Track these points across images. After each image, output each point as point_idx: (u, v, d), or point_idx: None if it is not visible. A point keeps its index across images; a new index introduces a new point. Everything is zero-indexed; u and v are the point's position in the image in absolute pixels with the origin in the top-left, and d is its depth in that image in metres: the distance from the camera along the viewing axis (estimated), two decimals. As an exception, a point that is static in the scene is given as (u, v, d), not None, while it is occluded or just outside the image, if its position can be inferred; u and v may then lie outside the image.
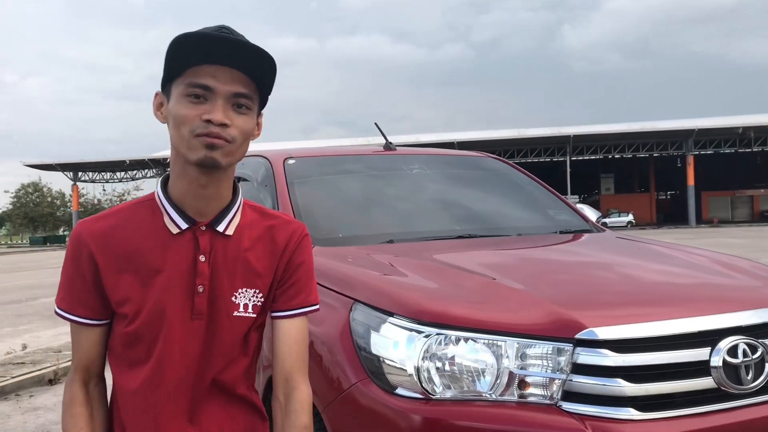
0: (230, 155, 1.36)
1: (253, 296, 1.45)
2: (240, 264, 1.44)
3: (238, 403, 1.51)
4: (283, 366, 1.50)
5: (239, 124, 1.36)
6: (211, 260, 1.41)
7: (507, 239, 3.29)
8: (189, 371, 1.42)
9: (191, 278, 1.39)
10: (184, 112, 1.33)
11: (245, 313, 1.44)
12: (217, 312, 1.42)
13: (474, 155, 4.34)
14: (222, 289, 1.42)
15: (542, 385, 2.04)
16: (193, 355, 1.41)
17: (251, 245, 1.46)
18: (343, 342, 2.30)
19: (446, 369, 2.07)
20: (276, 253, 1.48)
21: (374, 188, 3.69)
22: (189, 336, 1.40)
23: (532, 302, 2.19)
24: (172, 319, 1.39)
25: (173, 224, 1.41)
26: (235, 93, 1.34)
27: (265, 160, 3.74)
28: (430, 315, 2.13)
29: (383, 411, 2.09)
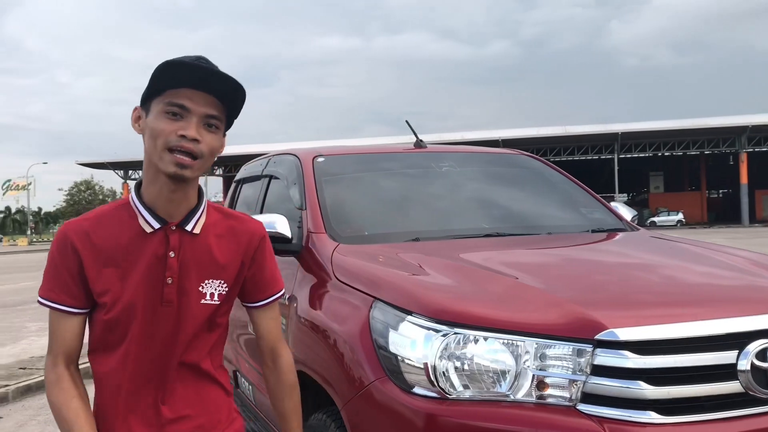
0: (197, 170, 1.58)
1: (218, 286, 1.69)
2: (206, 258, 1.66)
3: (204, 378, 1.73)
4: (268, 340, 1.87)
5: (208, 140, 1.58)
6: (180, 255, 1.62)
7: (536, 238, 3.24)
8: (159, 351, 1.64)
9: (162, 271, 1.61)
10: (162, 126, 1.55)
11: (211, 301, 1.68)
12: (186, 300, 1.64)
13: (506, 152, 4.28)
14: (190, 280, 1.64)
15: (561, 386, 2.00)
16: (162, 336, 1.64)
17: (216, 242, 1.69)
18: (363, 340, 2.30)
19: (464, 369, 2.05)
20: (239, 250, 1.73)
21: (402, 186, 3.67)
22: (159, 320, 1.63)
23: (553, 302, 2.15)
24: (144, 306, 1.61)
25: (147, 224, 1.62)
26: (207, 114, 1.57)
27: (295, 158, 3.76)
28: (448, 314, 2.11)
29: (400, 410, 2.08)
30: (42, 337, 9.42)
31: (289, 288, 3.09)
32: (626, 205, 3.98)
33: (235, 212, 1.80)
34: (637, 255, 2.92)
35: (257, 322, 1.86)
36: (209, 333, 1.72)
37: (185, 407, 1.69)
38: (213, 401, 1.75)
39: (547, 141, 56.82)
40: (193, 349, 1.69)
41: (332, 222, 3.15)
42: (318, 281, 2.87)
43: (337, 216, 3.22)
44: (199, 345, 1.70)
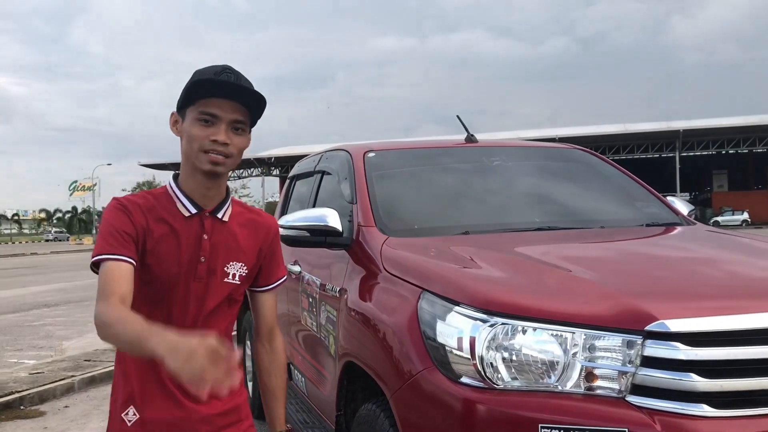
0: (228, 167, 1.84)
1: (240, 268, 1.95)
2: (232, 243, 1.93)
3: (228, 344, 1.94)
4: (267, 322, 2.11)
5: (237, 142, 1.83)
6: (212, 239, 1.89)
7: (588, 232, 3.20)
8: (187, 317, 1.88)
9: (197, 250, 1.87)
10: (196, 132, 1.80)
11: (233, 281, 1.94)
12: (213, 277, 1.90)
13: (558, 146, 4.24)
14: (217, 261, 1.90)
15: (610, 377, 1.98)
16: (191, 306, 1.89)
17: (239, 230, 1.95)
18: (411, 331, 2.32)
19: (511, 359, 2.04)
20: (258, 238, 2.00)
21: (452, 180, 3.67)
22: (191, 292, 1.88)
23: (603, 293, 2.13)
24: (180, 278, 1.86)
25: (186, 209, 1.88)
26: (234, 120, 1.81)
27: (346, 153, 3.80)
28: (495, 304, 2.11)
29: (447, 399, 2.09)
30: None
31: (340, 281, 3.14)
32: (684, 200, 3.88)
33: (253, 207, 2.08)
34: (690, 248, 2.86)
35: (261, 304, 2.10)
36: (229, 308, 1.98)
37: None
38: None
39: (605, 139, 55.70)
40: (215, 320, 1.93)
41: (382, 216, 3.18)
42: (368, 274, 2.90)
43: (387, 210, 3.25)
44: (219, 317, 1.95)
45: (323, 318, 3.33)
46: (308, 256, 3.86)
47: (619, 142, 57.39)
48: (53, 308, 12.43)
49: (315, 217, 3.22)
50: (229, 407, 1.96)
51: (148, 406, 1.88)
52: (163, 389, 1.88)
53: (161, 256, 1.83)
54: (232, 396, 1.93)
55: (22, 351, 8.36)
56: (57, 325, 10.56)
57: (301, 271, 3.91)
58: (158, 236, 1.83)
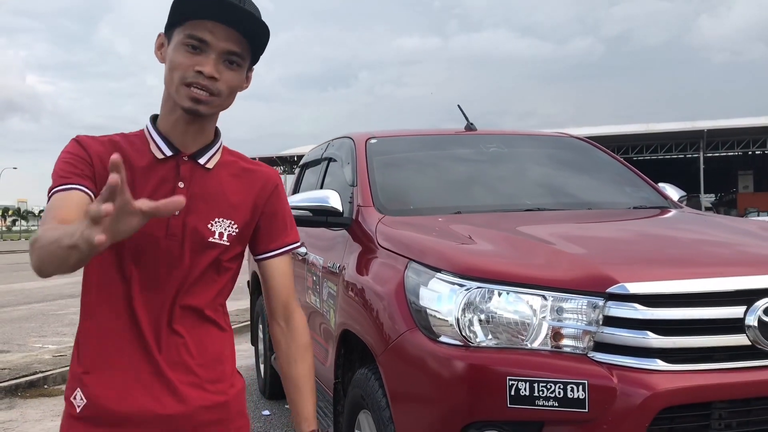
0: (214, 107, 1.52)
1: (228, 226, 1.58)
2: (217, 196, 1.58)
3: (207, 325, 1.61)
4: (279, 297, 1.71)
5: (228, 78, 1.50)
6: (190, 188, 1.54)
7: (573, 213, 3.36)
8: (160, 289, 1.53)
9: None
10: (180, 59, 1.48)
11: (219, 240, 1.57)
12: (193, 236, 1.54)
13: (554, 135, 4.39)
14: (198, 215, 1.55)
15: (575, 336, 2.15)
16: (164, 272, 1.53)
17: (229, 180, 1.61)
18: (398, 297, 2.50)
19: (486, 320, 2.22)
20: (253, 191, 1.64)
21: (449, 165, 3.86)
22: (162, 254, 1.52)
23: (572, 261, 2.30)
24: (148, 236, 1.49)
25: (159, 151, 1.55)
26: (228, 50, 1.48)
27: (350, 140, 4.00)
28: (471, 270, 2.29)
29: (427, 357, 2.27)
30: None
31: (339, 258, 3.33)
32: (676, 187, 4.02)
33: (252, 160, 1.71)
34: (666, 226, 3.02)
35: (269, 275, 1.71)
36: (217, 275, 1.60)
37: (185, 355, 1.56)
38: (216, 352, 1.62)
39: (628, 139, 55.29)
40: (197, 291, 1.57)
41: (380, 197, 3.37)
42: (364, 249, 3.09)
43: (385, 191, 3.43)
44: (203, 288, 1.58)
45: (325, 294, 3.53)
46: (313, 239, 4.05)
47: (643, 141, 56.95)
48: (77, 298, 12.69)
49: (317, 197, 3.41)
50: (214, 402, 1.58)
51: (101, 392, 1.52)
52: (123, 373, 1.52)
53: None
54: (218, 387, 1.60)
55: (46, 337, 8.67)
56: (74, 314, 10.87)
57: (307, 252, 4.11)
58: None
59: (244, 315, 9.38)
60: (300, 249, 4.27)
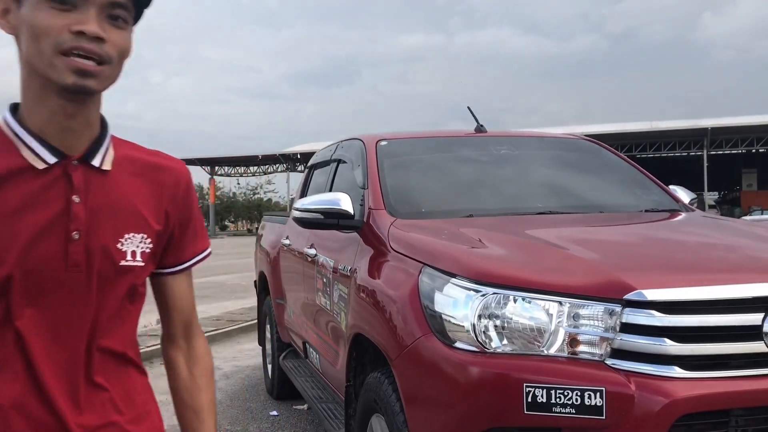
0: (105, 80, 1.14)
1: (141, 242, 1.24)
2: (123, 204, 1.22)
3: (130, 369, 1.30)
4: (181, 316, 1.41)
5: (116, 39, 1.13)
6: (88, 201, 1.18)
7: (586, 216, 3.36)
8: (67, 337, 1.18)
9: (65, 223, 1.15)
10: (47, 22, 1.08)
11: (134, 262, 1.23)
12: (100, 263, 1.19)
13: (564, 136, 4.39)
14: (104, 234, 1.19)
15: (592, 342, 2.15)
16: (70, 316, 1.18)
17: (132, 182, 1.25)
18: (412, 302, 2.50)
19: (502, 326, 2.22)
20: (164, 193, 1.30)
21: (459, 167, 3.86)
22: (65, 289, 1.17)
23: (589, 267, 2.30)
24: (43, 268, 1.14)
25: (37, 159, 1.14)
26: (110, 2, 1.12)
27: (360, 142, 4.00)
28: (487, 276, 2.29)
29: (442, 362, 2.27)
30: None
31: (351, 260, 3.33)
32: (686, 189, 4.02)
33: (149, 149, 1.34)
34: (679, 230, 3.02)
35: (172, 292, 1.39)
36: (131, 305, 1.27)
37: (112, 413, 1.24)
38: (143, 402, 1.32)
39: (632, 137, 55.21)
40: (115, 330, 1.24)
41: (391, 199, 3.37)
42: (376, 252, 3.09)
43: (396, 194, 3.43)
44: (121, 324, 1.26)
45: (336, 296, 3.53)
46: (323, 241, 4.05)
47: (647, 139, 56.88)
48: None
49: (328, 200, 3.41)
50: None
51: None
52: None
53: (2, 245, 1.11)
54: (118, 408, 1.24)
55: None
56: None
57: (317, 254, 4.11)
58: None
59: (249, 314, 9.41)
60: (310, 250, 4.27)
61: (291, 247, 4.93)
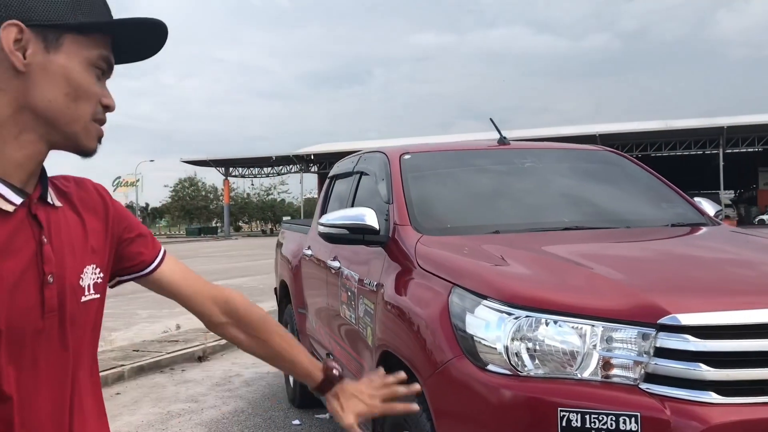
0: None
1: (92, 273, 1.21)
2: (75, 238, 1.19)
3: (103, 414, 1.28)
4: (202, 294, 1.42)
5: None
6: (53, 240, 1.13)
7: (613, 231, 3.35)
8: (51, 390, 1.13)
9: (38, 266, 1.09)
10: (94, 89, 1.10)
11: (93, 295, 1.20)
12: (68, 302, 1.14)
13: (589, 149, 4.38)
14: (68, 273, 1.15)
15: (625, 366, 2.15)
16: (50, 367, 1.12)
17: (72, 212, 1.21)
18: (443, 322, 2.51)
19: (534, 349, 2.23)
20: (99, 217, 1.26)
21: (484, 181, 3.86)
22: (43, 342, 1.11)
23: (620, 289, 2.30)
24: (24, 322, 1.07)
25: (3, 200, 1.07)
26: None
27: (383, 155, 4.01)
28: (519, 298, 2.30)
29: (475, 385, 2.28)
30: (153, 323, 10.15)
31: (377, 276, 3.34)
32: (711, 200, 4.00)
33: (55, 175, 1.26)
34: (709, 247, 3.00)
35: (173, 281, 1.39)
36: (95, 340, 1.25)
37: None
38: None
39: (647, 136, 54.86)
40: (88, 373, 1.22)
41: (417, 215, 3.38)
42: (403, 269, 3.10)
43: (421, 209, 3.44)
44: (90, 364, 1.23)
45: (361, 311, 3.54)
46: (347, 253, 4.06)
47: (661, 138, 56.50)
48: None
49: (354, 216, 3.43)
50: None
51: None
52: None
53: None
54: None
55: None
56: (106, 318, 10.90)
57: (341, 267, 4.12)
58: None
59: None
60: (333, 263, 4.29)
61: (313, 257, 4.95)
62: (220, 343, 8.07)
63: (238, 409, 5.69)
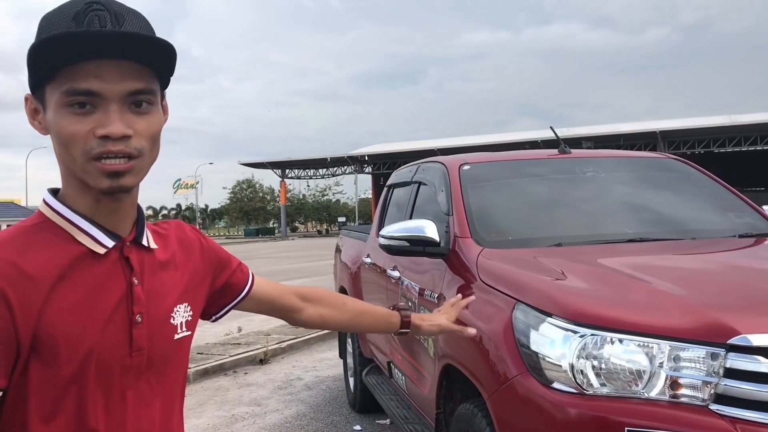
0: (139, 171, 1.13)
1: (184, 311, 1.27)
2: (167, 279, 1.24)
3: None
4: (287, 297, 1.61)
5: (143, 129, 1.10)
6: (144, 282, 1.19)
7: (679, 243, 3.29)
8: (139, 423, 1.18)
9: (127, 307, 1.15)
10: (71, 129, 1.07)
11: (186, 332, 1.27)
12: (158, 341, 1.20)
13: (653, 156, 4.31)
14: (161, 313, 1.21)
15: (694, 386, 2.12)
16: (139, 400, 1.18)
17: (168, 256, 1.27)
18: (506, 338, 2.52)
19: (600, 367, 2.22)
20: (194, 257, 1.34)
21: (545, 192, 3.84)
22: (127, 380, 1.16)
23: (688, 307, 2.27)
24: (112, 359, 1.13)
25: (96, 243, 1.13)
26: (130, 92, 1.08)
27: (442, 166, 4.03)
28: (585, 316, 2.29)
29: (540, 402, 2.29)
30: (215, 325, 10.39)
31: (438, 287, 3.37)
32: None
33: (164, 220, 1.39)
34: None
35: (264, 297, 1.54)
36: (184, 377, 1.32)
37: None
38: None
39: (710, 132, 53.22)
40: (174, 411, 1.28)
41: (477, 227, 3.39)
42: (464, 283, 3.12)
43: (482, 221, 3.45)
44: (180, 399, 1.30)
45: (422, 322, 3.57)
46: (407, 262, 4.10)
47: (725, 134, 54.70)
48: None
49: (414, 228, 3.46)
50: None
51: None
52: None
53: (70, 339, 1.08)
54: None
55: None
56: (170, 319, 11.30)
57: (401, 276, 4.16)
58: (59, 307, 1.08)
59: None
60: (393, 272, 4.33)
61: (373, 265, 5.01)
62: (280, 346, 8.23)
63: (300, 413, 5.80)
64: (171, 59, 1.12)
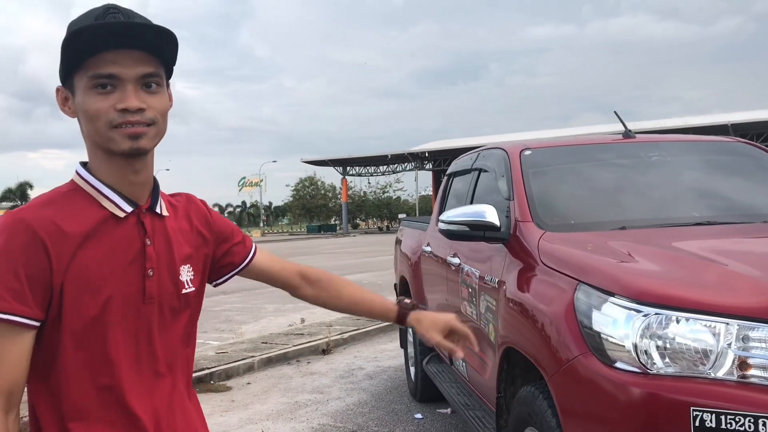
0: (154, 137, 1.38)
1: (188, 271, 1.51)
2: (176, 242, 1.49)
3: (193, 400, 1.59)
4: (289, 272, 1.78)
5: (154, 104, 1.36)
6: (155, 243, 1.44)
7: (748, 227, 3.19)
8: (149, 365, 1.44)
9: (141, 262, 1.41)
10: (96, 106, 1.33)
11: (191, 288, 1.51)
12: (168, 294, 1.46)
13: (719, 140, 4.18)
14: (169, 269, 1.46)
15: (764, 367, 2.06)
16: (145, 345, 1.43)
17: (178, 222, 1.53)
18: (568, 320, 2.50)
19: (665, 347, 2.18)
20: (198, 225, 1.58)
21: (608, 176, 3.77)
22: (141, 324, 1.42)
23: (757, 286, 2.21)
24: (128, 304, 1.39)
25: (117, 208, 1.40)
26: (142, 75, 1.34)
27: (503, 152, 4.01)
28: (648, 295, 2.25)
29: (602, 382, 2.26)
30: (278, 316, 10.60)
31: (498, 272, 3.36)
32: None
33: (177, 192, 1.64)
34: None
35: (265, 269, 1.74)
36: (192, 325, 1.56)
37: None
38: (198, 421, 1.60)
39: (785, 123, 51.03)
40: (182, 349, 1.53)
41: (539, 211, 3.36)
42: (525, 266, 3.10)
43: (543, 206, 3.42)
44: (185, 352, 1.55)
45: (483, 307, 3.57)
46: (466, 249, 4.10)
47: (802, 125, 52.35)
48: (230, 295, 13.57)
49: (474, 213, 3.46)
50: None
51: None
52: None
53: (94, 284, 1.35)
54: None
55: (206, 333, 9.29)
56: (234, 311, 11.58)
57: (461, 263, 4.16)
58: (86, 259, 1.34)
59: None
60: (453, 259, 4.34)
61: (432, 254, 5.02)
62: (342, 337, 8.33)
63: (361, 401, 5.86)
64: (173, 47, 1.38)
